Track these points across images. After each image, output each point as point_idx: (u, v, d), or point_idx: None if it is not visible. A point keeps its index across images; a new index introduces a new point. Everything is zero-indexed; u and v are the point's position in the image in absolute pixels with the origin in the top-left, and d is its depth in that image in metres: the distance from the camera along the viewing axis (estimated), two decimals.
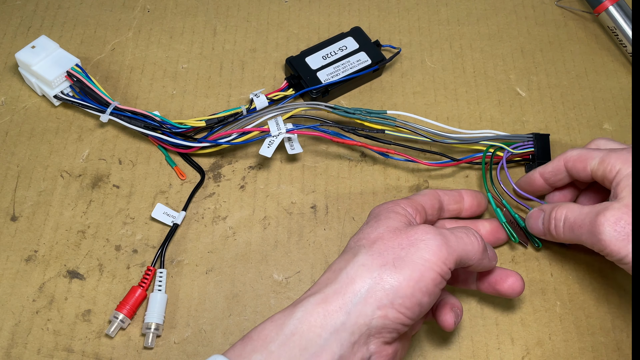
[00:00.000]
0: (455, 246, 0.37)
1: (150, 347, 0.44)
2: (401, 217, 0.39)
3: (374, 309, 0.34)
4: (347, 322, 0.34)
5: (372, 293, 0.35)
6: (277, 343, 0.34)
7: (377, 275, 0.35)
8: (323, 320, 0.34)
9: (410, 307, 0.35)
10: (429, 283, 0.35)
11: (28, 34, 0.58)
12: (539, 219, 0.44)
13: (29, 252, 0.47)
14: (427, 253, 0.36)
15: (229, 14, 0.60)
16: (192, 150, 0.51)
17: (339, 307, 0.34)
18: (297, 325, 0.34)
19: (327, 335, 0.34)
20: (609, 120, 0.55)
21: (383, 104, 0.55)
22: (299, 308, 0.35)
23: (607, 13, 0.59)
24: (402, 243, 0.36)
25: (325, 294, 0.35)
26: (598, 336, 0.45)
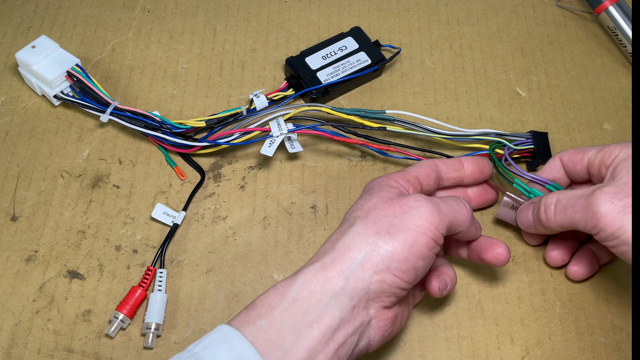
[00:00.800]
0: (446, 212, 0.38)
1: (150, 347, 0.44)
2: (393, 189, 0.40)
3: (371, 273, 0.36)
4: (346, 287, 0.35)
5: (368, 259, 0.36)
6: (280, 309, 0.35)
7: (372, 242, 0.36)
8: (323, 286, 0.35)
9: (406, 271, 0.36)
10: (422, 247, 0.37)
11: (28, 34, 0.58)
12: (528, 211, 0.44)
13: (29, 252, 0.47)
14: (419, 219, 0.37)
15: (229, 14, 0.60)
16: (192, 150, 0.51)
17: (337, 274, 0.36)
18: (298, 292, 0.35)
19: (327, 300, 0.35)
20: (609, 120, 0.55)
21: (383, 104, 0.55)
22: (300, 276, 0.36)
23: (607, 13, 0.59)
24: (395, 212, 0.38)
25: (324, 262, 0.36)
26: (598, 336, 0.45)
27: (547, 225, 0.42)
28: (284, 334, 0.34)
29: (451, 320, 0.46)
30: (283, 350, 0.33)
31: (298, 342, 0.34)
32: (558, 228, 0.42)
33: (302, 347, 0.34)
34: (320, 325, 0.34)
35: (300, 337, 0.34)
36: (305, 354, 0.34)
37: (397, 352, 0.44)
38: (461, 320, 0.46)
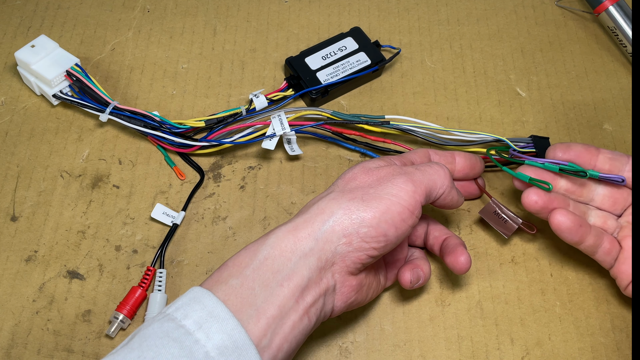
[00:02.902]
0: (421, 179, 0.39)
1: None
2: (381, 161, 0.41)
3: (340, 236, 0.37)
4: (315, 248, 0.36)
5: (339, 222, 0.37)
6: (251, 267, 0.35)
7: (345, 207, 0.37)
8: (293, 245, 0.36)
9: (375, 237, 0.37)
10: (394, 215, 0.37)
11: (28, 33, 0.58)
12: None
13: (29, 252, 0.47)
14: (393, 189, 0.38)
15: (229, 14, 0.60)
16: (192, 150, 0.51)
17: (307, 234, 0.37)
18: (269, 251, 0.36)
19: (296, 259, 0.36)
20: (609, 120, 0.55)
21: (383, 104, 0.55)
22: (271, 235, 0.37)
23: (607, 13, 0.59)
24: (372, 183, 0.39)
25: (296, 223, 0.37)
26: (597, 336, 0.45)
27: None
28: (255, 291, 0.34)
29: (451, 320, 0.46)
30: (255, 308, 0.34)
31: (269, 300, 0.34)
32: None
33: (273, 304, 0.34)
34: (290, 284, 0.35)
35: (271, 295, 0.35)
36: (276, 311, 0.34)
37: (397, 352, 0.44)
38: (461, 321, 0.46)
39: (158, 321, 0.33)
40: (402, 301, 0.46)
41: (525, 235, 0.49)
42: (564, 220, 0.43)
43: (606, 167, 0.45)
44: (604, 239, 0.44)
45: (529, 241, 0.49)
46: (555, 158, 0.46)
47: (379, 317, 0.46)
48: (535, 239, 0.49)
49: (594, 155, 0.45)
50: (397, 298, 0.46)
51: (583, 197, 0.46)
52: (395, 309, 0.46)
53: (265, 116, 0.51)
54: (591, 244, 0.44)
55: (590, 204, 0.46)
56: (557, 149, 0.46)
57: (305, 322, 0.36)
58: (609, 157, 0.45)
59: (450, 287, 0.47)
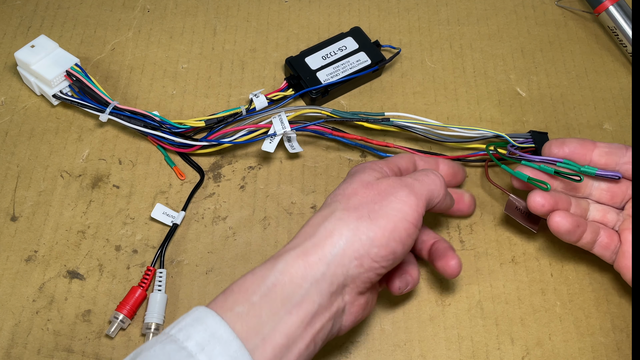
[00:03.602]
0: (420, 190, 0.39)
1: None
2: (375, 172, 0.41)
3: (351, 259, 0.36)
4: (327, 273, 0.35)
5: (350, 244, 0.36)
6: (259, 294, 0.34)
7: (354, 227, 0.36)
8: (304, 271, 0.35)
9: (385, 256, 0.37)
10: (402, 233, 0.37)
11: (28, 33, 0.58)
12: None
13: (29, 252, 0.47)
14: (397, 204, 0.38)
15: (229, 14, 0.60)
16: (192, 150, 0.51)
17: (318, 259, 0.36)
18: (278, 277, 0.35)
19: (307, 286, 0.35)
20: (609, 120, 0.55)
21: (383, 104, 0.55)
22: (280, 261, 0.36)
23: (607, 13, 0.59)
24: (374, 198, 0.38)
25: (305, 247, 0.36)
26: (598, 336, 0.45)
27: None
28: (263, 320, 0.34)
29: (451, 320, 0.46)
30: (261, 337, 0.33)
31: (277, 328, 0.34)
32: None
33: (280, 333, 0.34)
34: (300, 312, 0.34)
35: (279, 323, 0.34)
36: (284, 340, 0.34)
37: (397, 352, 0.44)
38: (461, 321, 0.46)
39: (160, 342, 0.33)
40: (402, 301, 0.46)
41: (525, 235, 0.49)
42: (563, 223, 0.43)
43: (602, 161, 0.45)
44: (601, 233, 0.44)
45: (529, 241, 0.49)
46: (550, 155, 0.46)
47: (379, 317, 0.46)
48: (535, 239, 0.49)
49: (590, 150, 0.45)
50: (397, 298, 0.46)
51: (581, 193, 0.46)
52: (395, 309, 0.46)
53: (264, 116, 0.51)
54: (588, 241, 0.44)
55: (589, 198, 0.46)
56: (552, 145, 0.46)
57: (311, 349, 0.35)
58: (605, 151, 0.45)
59: (451, 287, 0.47)
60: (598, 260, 0.48)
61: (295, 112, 0.50)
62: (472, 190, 0.51)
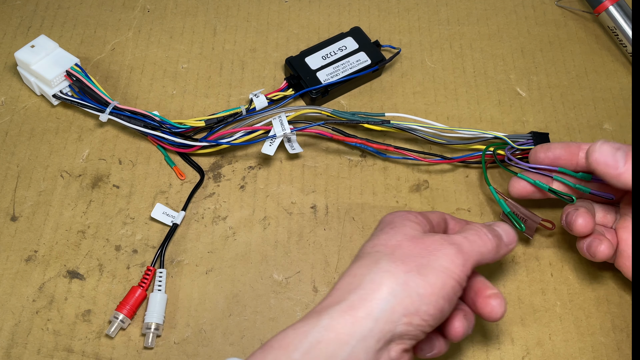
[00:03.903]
0: (470, 252, 0.37)
1: (150, 347, 0.44)
2: (416, 225, 0.39)
3: (401, 316, 0.34)
4: (375, 329, 0.34)
5: (399, 300, 0.34)
6: (300, 351, 0.33)
7: (402, 282, 0.35)
8: (351, 327, 0.33)
9: (434, 314, 0.35)
10: (449, 290, 0.36)
11: (28, 33, 0.58)
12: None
13: (29, 252, 0.47)
14: (445, 262, 0.36)
15: (229, 14, 0.60)
16: (192, 150, 0.51)
17: (366, 314, 0.34)
18: (322, 333, 0.33)
19: (354, 343, 0.33)
20: (609, 120, 0.55)
21: (383, 104, 0.55)
22: (324, 316, 0.34)
23: (607, 13, 0.59)
24: (421, 252, 0.36)
25: (351, 302, 0.34)
26: (598, 336, 0.45)
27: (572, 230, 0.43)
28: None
29: None
30: None
31: None
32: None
33: None
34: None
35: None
36: None
37: None
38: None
39: None
40: None
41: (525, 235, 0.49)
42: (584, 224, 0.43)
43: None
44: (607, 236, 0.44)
45: (529, 241, 0.49)
46: (537, 161, 0.46)
47: None
48: (535, 239, 0.49)
49: (575, 154, 0.45)
50: None
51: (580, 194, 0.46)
52: None
53: (264, 116, 0.51)
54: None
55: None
56: (538, 151, 0.46)
57: None
58: None
59: None
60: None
61: (295, 112, 0.50)
62: (471, 190, 0.51)
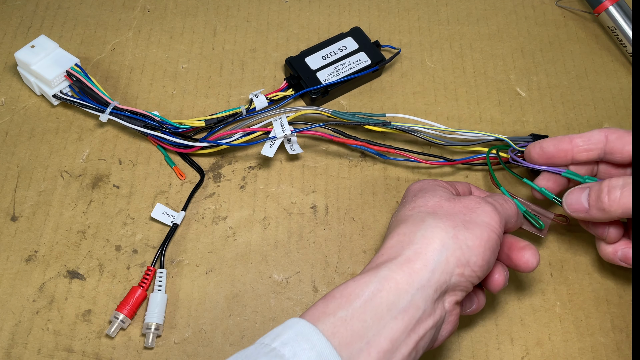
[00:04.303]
0: (502, 211, 0.40)
1: (150, 347, 0.44)
2: (447, 190, 0.42)
3: (454, 266, 0.36)
4: (432, 279, 0.35)
5: (451, 251, 0.36)
6: (362, 299, 0.34)
7: (452, 235, 0.37)
8: (409, 277, 0.35)
9: (482, 265, 0.37)
10: (493, 243, 0.38)
11: (28, 33, 0.58)
12: (581, 194, 0.43)
13: (29, 252, 0.47)
14: (486, 217, 0.38)
15: (229, 14, 0.60)
16: (192, 150, 0.51)
17: (423, 265, 0.36)
18: (382, 283, 0.35)
19: (414, 292, 0.35)
20: (609, 120, 0.55)
21: (383, 104, 0.55)
22: (383, 268, 0.36)
23: (607, 13, 0.59)
24: (463, 209, 0.39)
25: (407, 256, 0.36)
26: (598, 336, 0.45)
27: (608, 208, 0.41)
28: (367, 324, 0.33)
29: None
30: (366, 341, 0.33)
31: (381, 333, 0.33)
32: (620, 212, 0.40)
33: (385, 338, 0.33)
34: (405, 317, 0.34)
35: (385, 328, 0.33)
36: (388, 345, 0.33)
37: None
38: (461, 320, 0.46)
39: (266, 355, 0.32)
40: None
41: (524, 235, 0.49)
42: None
43: (584, 157, 0.45)
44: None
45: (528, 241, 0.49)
46: (532, 160, 0.46)
47: None
48: (535, 239, 0.49)
49: (568, 151, 0.45)
50: None
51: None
52: None
53: (264, 116, 0.51)
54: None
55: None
56: (532, 152, 0.46)
57: (413, 356, 0.35)
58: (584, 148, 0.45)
59: None
60: (598, 260, 0.48)
61: (295, 113, 0.50)
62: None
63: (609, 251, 0.45)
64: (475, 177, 0.52)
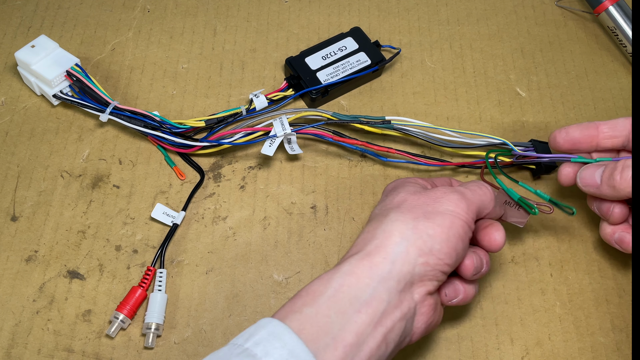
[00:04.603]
0: (472, 198, 0.40)
1: (150, 347, 0.44)
2: (417, 185, 0.42)
3: (416, 256, 0.36)
4: (393, 271, 0.36)
5: (412, 242, 0.37)
6: (326, 295, 0.35)
7: (412, 227, 0.37)
8: (370, 271, 0.36)
9: (448, 253, 0.37)
10: (459, 229, 0.38)
11: (28, 34, 0.58)
12: (596, 170, 0.43)
13: (29, 252, 0.47)
14: (450, 206, 0.38)
15: (229, 14, 0.60)
16: (192, 150, 0.51)
17: (382, 258, 0.36)
18: (344, 278, 0.35)
19: (375, 284, 0.35)
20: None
21: (383, 104, 0.55)
22: (344, 264, 0.36)
23: (607, 13, 0.59)
24: (427, 201, 0.39)
25: (368, 250, 0.37)
26: (597, 336, 0.45)
27: (618, 186, 0.41)
28: (332, 319, 0.34)
29: (451, 320, 0.46)
30: (332, 336, 0.33)
31: (346, 327, 0.34)
32: (628, 191, 0.41)
33: (350, 332, 0.34)
34: (369, 310, 0.34)
35: (349, 322, 0.34)
36: (353, 339, 0.33)
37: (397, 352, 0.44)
38: (461, 321, 0.46)
39: (238, 356, 0.32)
40: None
41: (524, 236, 0.49)
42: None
43: (609, 144, 0.45)
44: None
45: (528, 241, 0.49)
46: (556, 147, 0.46)
47: None
48: (535, 239, 0.49)
49: (594, 137, 0.45)
50: None
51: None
52: None
53: (264, 117, 0.51)
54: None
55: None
56: (557, 137, 0.46)
57: (383, 349, 0.35)
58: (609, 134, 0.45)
59: None
60: (598, 260, 0.48)
61: (295, 114, 0.50)
62: None
63: (608, 232, 0.45)
64: (474, 177, 0.52)
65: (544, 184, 0.52)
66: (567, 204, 0.43)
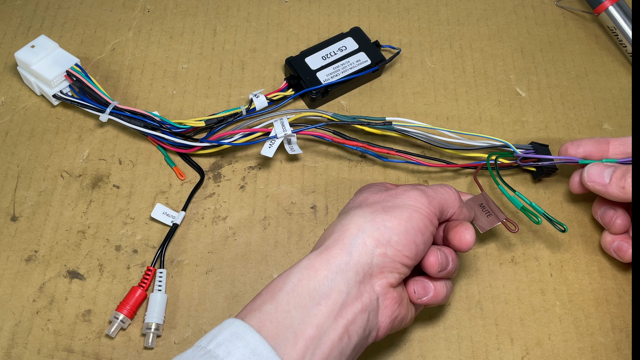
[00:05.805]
0: (433, 195, 0.40)
1: (150, 347, 0.44)
2: (381, 187, 0.42)
3: (373, 247, 0.37)
4: (351, 262, 0.36)
5: (369, 233, 0.37)
6: (284, 291, 0.35)
7: (370, 219, 0.37)
8: (327, 263, 0.36)
9: (407, 245, 0.37)
10: (418, 222, 0.38)
11: (28, 34, 0.58)
12: (605, 169, 0.44)
13: (29, 252, 0.47)
14: (409, 200, 0.39)
15: (229, 14, 0.60)
16: (192, 150, 0.51)
17: (340, 250, 0.36)
18: (302, 272, 0.36)
19: (333, 276, 0.35)
20: (609, 120, 0.55)
21: (383, 104, 0.55)
22: (303, 259, 0.37)
23: (607, 13, 0.59)
24: (387, 198, 0.39)
25: (326, 245, 0.37)
26: (597, 336, 0.45)
27: (628, 188, 0.43)
28: (291, 314, 0.34)
29: (451, 320, 0.46)
30: (292, 331, 0.33)
31: (306, 321, 0.34)
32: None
33: (310, 325, 0.34)
34: (328, 302, 0.34)
35: (308, 315, 0.34)
36: (314, 331, 0.34)
37: (397, 352, 0.44)
38: (461, 321, 0.46)
39: (201, 357, 0.32)
40: None
41: (524, 236, 0.49)
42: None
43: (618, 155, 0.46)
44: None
45: (528, 241, 0.49)
46: (568, 155, 0.47)
47: None
48: (534, 239, 0.49)
49: (605, 151, 0.46)
50: None
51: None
52: None
53: (265, 118, 0.51)
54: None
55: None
56: (569, 148, 0.47)
57: (345, 341, 0.35)
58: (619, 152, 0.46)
59: None
60: (598, 260, 0.48)
61: (295, 115, 0.50)
62: (471, 192, 0.51)
63: (608, 240, 0.47)
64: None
65: (543, 186, 0.52)
66: (567, 203, 0.43)
